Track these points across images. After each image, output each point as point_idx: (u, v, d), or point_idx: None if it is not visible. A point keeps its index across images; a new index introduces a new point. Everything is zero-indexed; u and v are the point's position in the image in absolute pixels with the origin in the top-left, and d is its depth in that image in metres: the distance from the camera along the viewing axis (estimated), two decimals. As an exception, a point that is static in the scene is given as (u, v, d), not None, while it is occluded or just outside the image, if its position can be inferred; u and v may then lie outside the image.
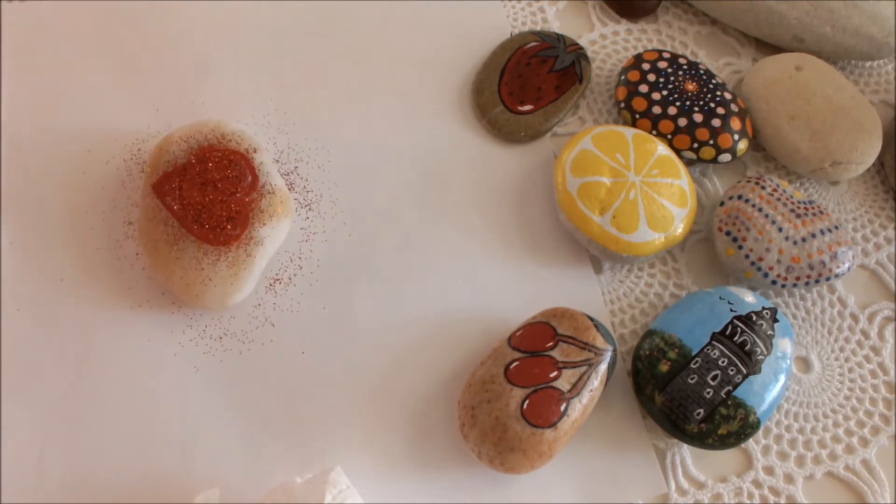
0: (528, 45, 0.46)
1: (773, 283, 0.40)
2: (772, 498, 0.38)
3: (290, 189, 0.42)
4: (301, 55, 0.46)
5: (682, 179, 0.41)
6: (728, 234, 0.41)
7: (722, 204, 0.42)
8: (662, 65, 0.45)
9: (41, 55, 0.44)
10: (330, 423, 0.37)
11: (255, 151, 0.39)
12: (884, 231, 0.45)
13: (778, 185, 0.42)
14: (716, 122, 0.43)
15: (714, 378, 0.36)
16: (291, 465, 0.36)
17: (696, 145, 0.43)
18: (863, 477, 0.39)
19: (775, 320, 0.38)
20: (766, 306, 0.39)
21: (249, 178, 0.38)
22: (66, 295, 0.39)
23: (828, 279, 0.40)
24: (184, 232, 0.37)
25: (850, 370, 0.41)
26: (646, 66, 0.45)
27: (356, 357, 0.39)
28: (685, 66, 0.45)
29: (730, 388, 0.36)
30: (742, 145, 0.44)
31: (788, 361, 0.38)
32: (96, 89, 0.43)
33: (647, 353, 0.37)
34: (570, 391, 0.35)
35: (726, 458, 0.39)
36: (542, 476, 0.37)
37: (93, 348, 0.38)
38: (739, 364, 0.37)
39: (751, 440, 0.39)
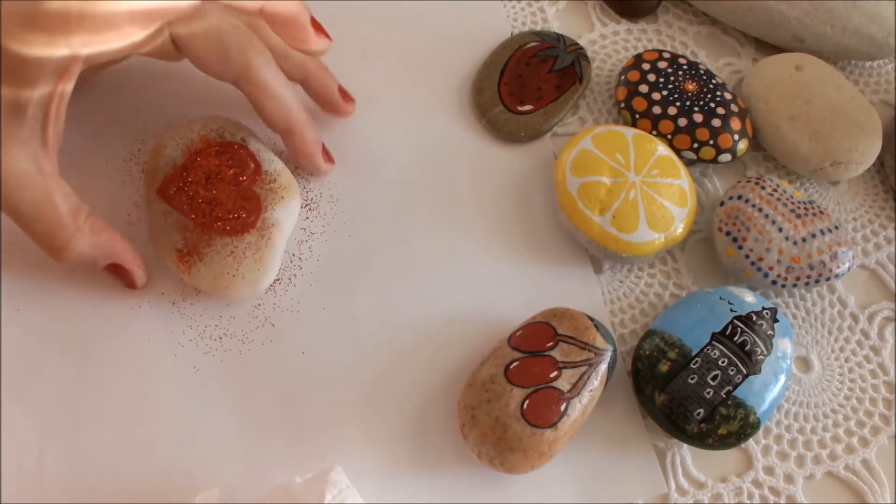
0: (528, 45, 0.46)
1: (774, 283, 0.40)
2: (772, 498, 0.38)
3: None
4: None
5: (682, 179, 0.41)
6: (728, 234, 0.41)
7: (722, 204, 0.42)
8: (662, 65, 0.45)
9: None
10: (330, 423, 0.37)
11: (249, 139, 0.39)
12: (884, 231, 0.45)
13: (778, 185, 0.42)
14: (716, 122, 0.43)
15: (714, 378, 0.36)
16: (291, 465, 0.36)
17: (696, 145, 0.43)
18: (863, 477, 0.39)
19: (775, 320, 0.38)
20: (766, 306, 0.39)
21: (252, 165, 0.38)
22: (66, 295, 0.39)
23: (828, 279, 0.40)
24: (200, 230, 0.37)
25: (851, 370, 0.41)
26: (646, 66, 0.45)
27: (356, 357, 0.39)
28: (685, 66, 0.45)
29: (730, 388, 0.36)
30: (742, 145, 0.44)
31: (788, 361, 0.38)
32: (95, 89, 0.43)
33: (647, 353, 0.37)
34: (570, 391, 0.35)
35: (726, 458, 0.39)
36: (542, 476, 0.37)
37: (93, 349, 0.38)
38: (739, 364, 0.37)
39: (751, 440, 0.39)
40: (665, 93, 0.44)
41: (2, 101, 0.30)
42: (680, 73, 0.45)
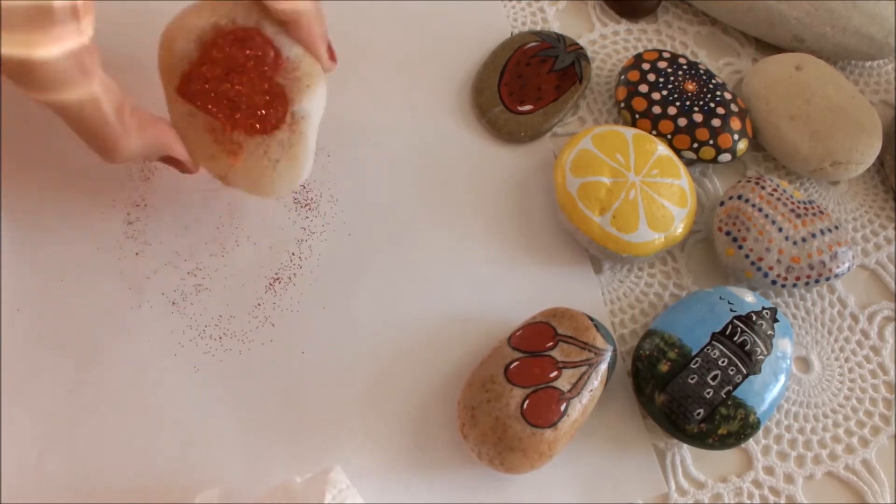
0: (528, 45, 0.46)
1: (773, 283, 0.40)
2: (772, 498, 0.38)
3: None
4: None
5: (682, 179, 0.41)
6: (728, 234, 0.41)
7: (722, 204, 0.42)
8: (662, 65, 0.45)
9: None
10: (330, 423, 0.37)
11: (263, 23, 0.36)
12: (884, 231, 0.45)
13: (778, 185, 0.42)
14: (716, 122, 0.43)
15: (714, 378, 0.36)
16: (291, 464, 0.36)
17: (695, 145, 0.43)
18: (863, 477, 0.39)
19: (775, 320, 0.38)
20: (766, 306, 0.39)
21: (272, 54, 0.35)
22: (66, 295, 0.39)
23: (828, 279, 0.40)
24: (230, 129, 0.35)
25: (850, 370, 0.41)
26: (646, 66, 0.45)
27: (356, 357, 0.39)
28: (685, 66, 0.45)
29: (730, 388, 0.36)
30: (742, 145, 0.44)
31: (788, 361, 0.38)
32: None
33: (648, 353, 0.37)
34: (570, 391, 0.35)
35: (726, 458, 0.39)
36: (542, 476, 0.37)
37: (93, 348, 0.38)
38: (739, 364, 0.37)
39: (751, 440, 0.39)
40: (665, 93, 0.44)
41: (27, 7, 0.29)
42: (680, 73, 0.45)
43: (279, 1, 0.34)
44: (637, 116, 0.44)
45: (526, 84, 0.45)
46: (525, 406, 0.35)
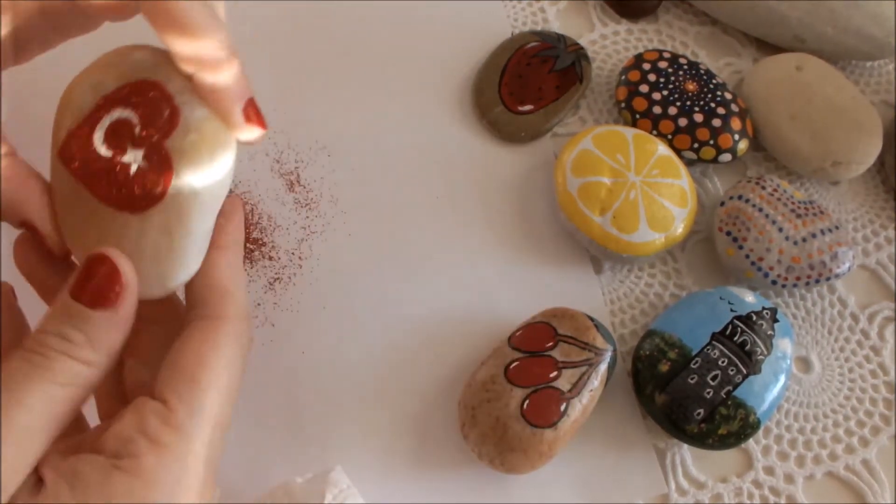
0: (529, 45, 0.46)
1: (774, 283, 0.40)
2: (772, 498, 0.38)
3: (289, 189, 0.42)
4: (300, 55, 0.46)
5: (682, 179, 0.41)
6: (728, 234, 0.41)
7: (722, 204, 0.42)
8: (663, 65, 0.45)
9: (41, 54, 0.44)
10: (330, 423, 0.37)
11: (173, 76, 0.28)
12: (884, 231, 0.45)
13: (778, 185, 0.42)
14: (716, 122, 0.43)
15: (714, 378, 0.36)
16: (291, 465, 0.36)
17: (696, 145, 0.43)
18: (863, 477, 0.39)
19: (775, 320, 0.38)
20: (767, 306, 0.39)
21: (167, 112, 0.27)
22: (67, 295, 0.39)
23: (828, 279, 0.40)
24: (96, 202, 0.27)
25: (851, 370, 0.41)
26: (646, 66, 0.45)
27: (356, 357, 0.39)
28: (685, 66, 0.45)
29: (730, 388, 0.36)
30: (742, 145, 0.44)
31: (789, 361, 0.38)
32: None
33: (648, 353, 0.37)
34: (570, 391, 0.35)
35: (726, 458, 0.39)
36: (543, 476, 0.37)
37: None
38: (739, 364, 0.37)
39: (751, 440, 0.39)
40: (665, 93, 0.44)
41: None
42: (680, 73, 0.45)
43: (179, 49, 0.27)
44: (637, 116, 0.44)
45: (526, 84, 0.45)
46: (525, 406, 0.35)
